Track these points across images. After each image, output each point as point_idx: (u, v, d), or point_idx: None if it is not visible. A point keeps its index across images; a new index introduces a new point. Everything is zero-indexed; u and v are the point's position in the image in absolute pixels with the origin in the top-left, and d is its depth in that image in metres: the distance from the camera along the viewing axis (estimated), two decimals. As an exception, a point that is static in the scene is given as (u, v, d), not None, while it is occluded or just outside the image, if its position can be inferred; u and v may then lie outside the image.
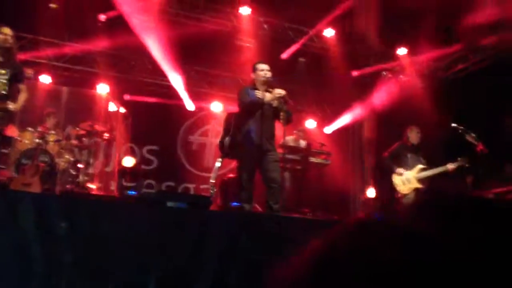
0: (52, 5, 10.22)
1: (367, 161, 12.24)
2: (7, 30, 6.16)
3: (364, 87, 12.15)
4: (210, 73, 12.13)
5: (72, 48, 10.90)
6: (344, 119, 12.30)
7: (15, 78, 6.19)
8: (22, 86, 6.43)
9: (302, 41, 11.53)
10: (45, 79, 10.91)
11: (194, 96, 11.86)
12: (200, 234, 4.67)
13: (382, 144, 11.07)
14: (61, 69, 11.10)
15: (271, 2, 10.63)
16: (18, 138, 8.83)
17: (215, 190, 8.11)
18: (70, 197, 7.18)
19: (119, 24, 10.26)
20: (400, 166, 8.73)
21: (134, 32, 10.32)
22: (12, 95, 6.23)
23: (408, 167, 8.72)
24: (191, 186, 11.93)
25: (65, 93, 11.27)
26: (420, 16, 9.97)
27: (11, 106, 6.16)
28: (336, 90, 12.22)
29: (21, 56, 10.20)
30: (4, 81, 6.05)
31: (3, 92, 5.98)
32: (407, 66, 11.78)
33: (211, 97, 12.12)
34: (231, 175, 9.85)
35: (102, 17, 10.42)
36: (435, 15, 9.93)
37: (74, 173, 9.22)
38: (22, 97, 6.40)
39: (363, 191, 11.79)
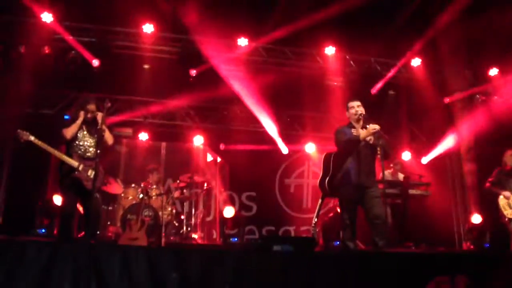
0: (145, 66, 10.70)
1: (469, 187, 11.74)
2: (92, 107, 6.64)
3: (458, 113, 11.78)
4: (302, 115, 12.24)
5: (166, 104, 11.33)
6: (441, 147, 11.94)
7: (101, 140, 6.56)
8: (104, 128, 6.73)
9: (390, 74, 11.42)
10: (143, 136, 11.36)
11: (287, 139, 11.95)
12: (309, 276, 4.66)
13: (482, 168, 10.72)
14: (157, 125, 11.55)
15: (355, 38, 10.61)
16: (123, 195, 9.22)
17: (316, 230, 8.05)
18: (179, 248, 7.36)
19: (210, 77, 10.58)
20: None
21: (225, 83, 10.61)
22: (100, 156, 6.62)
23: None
24: (291, 228, 11.93)
25: (163, 148, 11.67)
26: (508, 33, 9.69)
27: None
28: (430, 119, 11.97)
29: (119, 117, 10.73)
30: (93, 145, 6.62)
31: (91, 154, 6.54)
32: (501, 87, 11.38)
33: (305, 139, 12.17)
34: (331, 215, 9.81)
35: (193, 72, 10.77)
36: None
37: (177, 224, 9.47)
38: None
39: (467, 219, 11.32)
